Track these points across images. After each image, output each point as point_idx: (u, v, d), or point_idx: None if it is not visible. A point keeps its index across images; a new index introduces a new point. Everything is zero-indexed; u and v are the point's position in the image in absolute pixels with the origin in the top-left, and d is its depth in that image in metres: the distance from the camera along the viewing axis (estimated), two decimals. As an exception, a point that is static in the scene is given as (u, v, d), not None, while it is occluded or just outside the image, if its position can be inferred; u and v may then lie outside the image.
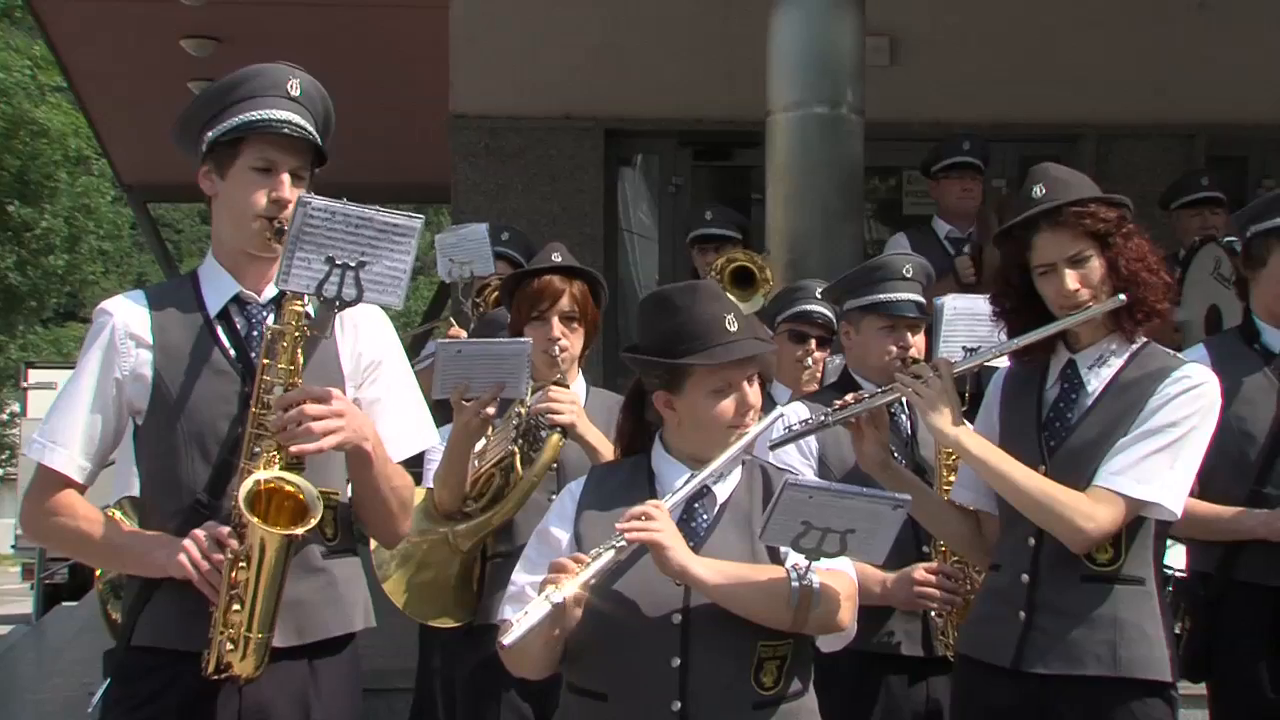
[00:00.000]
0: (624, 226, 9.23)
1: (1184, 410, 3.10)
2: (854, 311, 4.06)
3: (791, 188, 6.44)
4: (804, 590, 2.79)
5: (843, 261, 6.27)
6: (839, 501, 2.77)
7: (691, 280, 3.54)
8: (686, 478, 2.92)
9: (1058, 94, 8.38)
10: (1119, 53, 8.34)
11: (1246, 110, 8.41)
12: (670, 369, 2.93)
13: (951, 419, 3.18)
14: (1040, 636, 3.13)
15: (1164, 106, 8.46)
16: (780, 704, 2.87)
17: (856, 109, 6.41)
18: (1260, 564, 3.97)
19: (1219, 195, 7.02)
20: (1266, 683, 3.94)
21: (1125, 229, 3.19)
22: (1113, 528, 3.07)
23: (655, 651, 2.83)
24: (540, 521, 3.10)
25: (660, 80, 8.50)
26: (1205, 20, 8.36)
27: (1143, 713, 3.09)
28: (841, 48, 6.38)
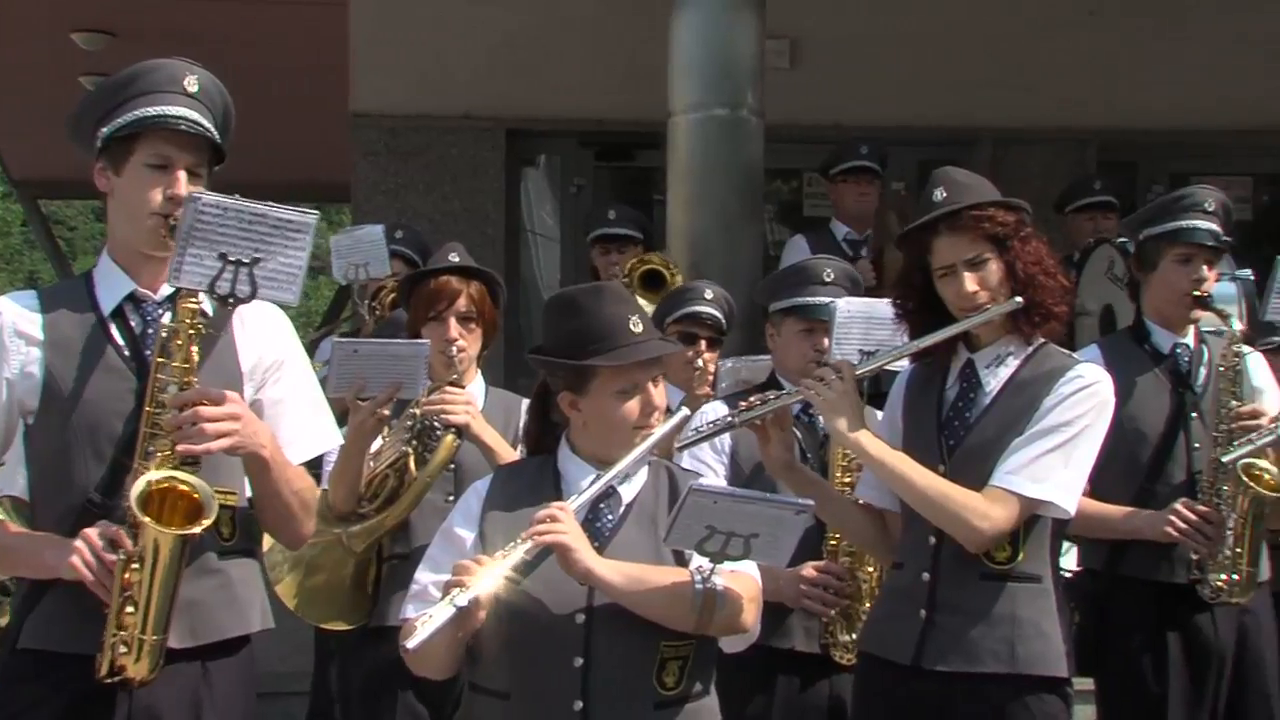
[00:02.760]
0: (527, 227, 9.21)
1: (1077, 409, 3.15)
2: (777, 314, 4.12)
3: (692, 189, 6.47)
4: (707, 593, 2.80)
5: (743, 263, 6.33)
6: (743, 507, 2.79)
7: (596, 281, 3.54)
8: (592, 479, 2.93)
9: (955, 99, 8.49)
10: (1015, 59, 8.47)
11: (1137, 116, 8.56)
12: (575, 370, 2.93)
13: (852, 421, 3.20)
14: (940, 634, 3.16)
15: (1058, 112, 8.59)
16: (682, 704, 2.89)
17: (757, 111, 6.45)
18: (1145, 560, 4.07)
19: (1111, 199, 7.17)
20: (1150, 675, 4.04)
21: (1023, 232, 3.23)
22: (1008, 526, 3.11)
23: (558, 651, 2.83)
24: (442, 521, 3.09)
25: (562, 81, 8.49)
26: (1097, 28, 8.51)
27: (1039, 708, 3.14)
28: (742, 50, 6.42)
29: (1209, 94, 8.46)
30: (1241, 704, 4.11)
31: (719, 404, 3.91)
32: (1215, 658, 4.07)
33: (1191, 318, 4.18)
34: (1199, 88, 8.45)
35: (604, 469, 2.92)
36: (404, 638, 2.70)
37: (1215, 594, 4.02)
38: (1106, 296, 6.54)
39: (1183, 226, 4.13)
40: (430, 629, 2.65)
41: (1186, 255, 4.12)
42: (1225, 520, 3.97)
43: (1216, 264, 4.21)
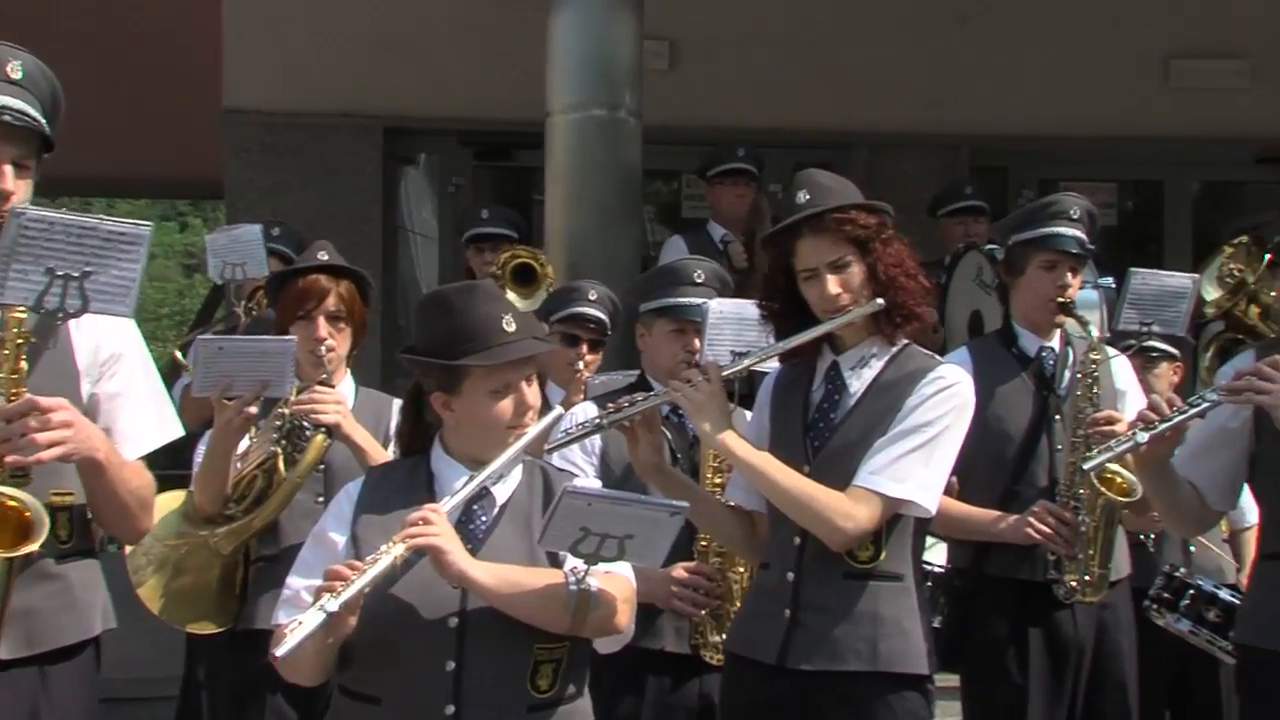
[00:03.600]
0: (406, 226, 9.13)
1: (938, 410, 3.19)
2: (647, 314, 4.13)
3: (570, 189, 6.47)
4: (582, 594, 2.80)
5: (621, 263, 6.34)
6: (617, 508, 2.79)
7: (469, 280, 3.52)
8: (466, 479, 2.91)
9: (831, 103, 8.58)
10: (889, 64, 8.57)
11: (1007, 123, 8.71)
12: (448, 370, 2.91)
13: (718, 422, 3.21)
14: (804, 634, 3.18)
15: (931, 118, 8.71)
16: (556, 706, 2.88)
17: (635, 112, 6.48)
18: (1008, 559, 4.15)
19: (982, 204, 7.27)
20: (1013, 669, 4.12)
21: (885, 235, 3.26)
22: (871, 526, 3.14)
23: (430, 655, 2.81)
24: (312, 522, 3.06)
25: (441, 79, 8.44)
26: (969, 35, 8.65)
27: (900, 706, 3.17)
28: (620, 51, 6.44)
29: (1078, 101, 8.64)
30: (1099, 695, 4.21)
31: (589, 405, 3.91)
32: (1074, 651, 4.17)
33: (1056, 323, 4.26)
34: (1068, 95, 8.62)
35: (478, 469, 2.91)
36: (274, 645, 2.66)
37: (1069, 594, 4.12)
38: (975, 302, 6.65)
39: (1048, 233, 4.20)
40: (300, 636, 2.61)
41: (1052, 261, 4.19)
42: (1081, 523, 4.06)
43: (1081, 270, 4.29)
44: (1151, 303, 4.67)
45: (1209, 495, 3.47)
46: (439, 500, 2.86)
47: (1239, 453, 3.44)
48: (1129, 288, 4.64)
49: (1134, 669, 4.29)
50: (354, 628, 2.74)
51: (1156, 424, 3.24)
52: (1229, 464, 3.46)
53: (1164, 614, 4.61)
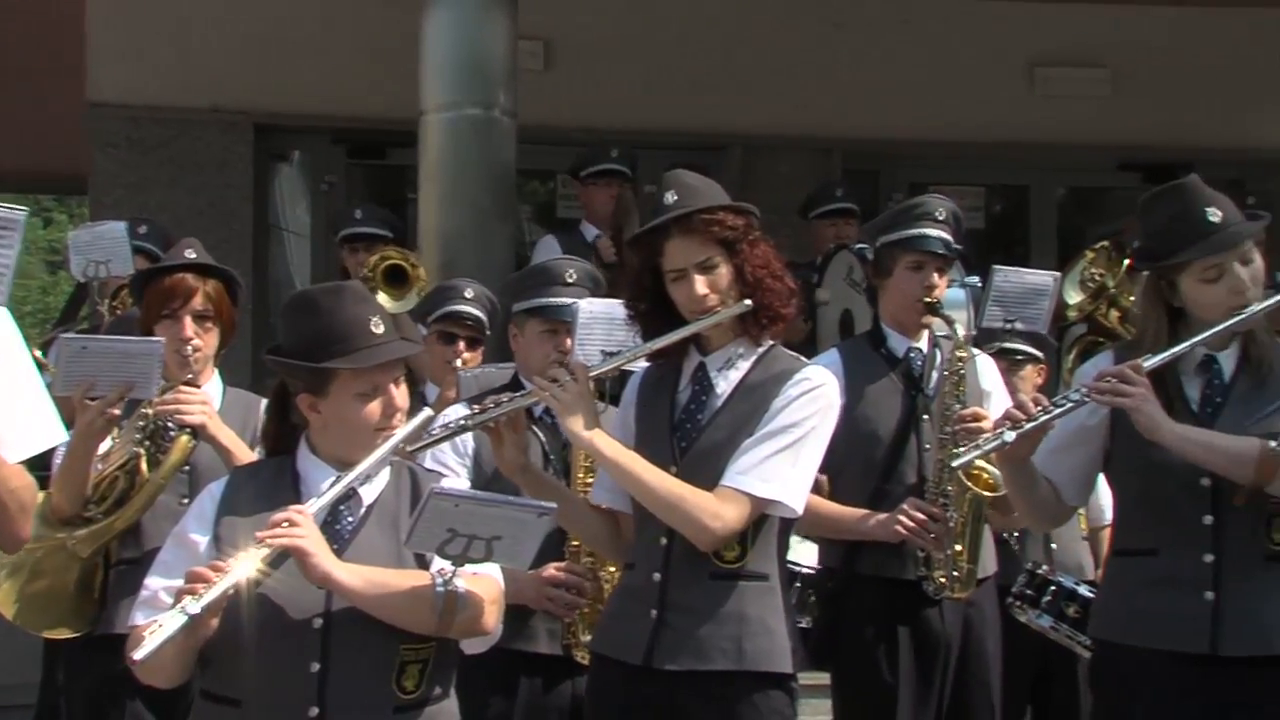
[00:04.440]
0: (279, 224, 9.01)
1: (805, 411, 3.21)
2: (519, 314, 4.11)
3: (444, 188, 6.45)
4: (449, 595, 2.79)
5: (495, 262, 6.33)
6: (485, 509, 2.78)
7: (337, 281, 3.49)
8: (332, 480, 2.89)
9: (706, 105, 8.61)
10: (763, 67, 8.64)
11: (878, 127, 8.82)
12: (315, 372, 2.89)
13: (586, 422, 3.20)
14: (670, 634, 3.19)
15: (804, 121, 8.79)
16: (422, 707, 2.87)
17: (509, 111, 6.47)
18: (878, 558, 4.20)
19: (852, 206, 7.39)
20: (884, 667, 4.17)
21: (752, 236, 3.27)
22: (739, 526, 3.15)
23: (294, 656, 2.78)
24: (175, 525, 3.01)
25: (313, 75, 8.32)
26: (842, 40, 8.75)
27: (765, 704, 3.19)
28: (494, 50, 6.43)
29: (946, 107, 8.77)
30: (965, 692, 4.27)
31: (459, 406, 3.89)
32: (942, 649, 4.22)
33: (923, 323, 4.32)
34: (937, 101, 8.76)
35: (345, 471, 2.89)
36: (131, 647, 2.61)
37: (938, 590, 4.18)
38: (845, 302, 6.74)
39: (915, 234, 4.26)
40: (160, 638, 2.57)
41: (919, 262, 4.25)
42: (949, 519, 4.13)
43: (947, 271, 4.36)
44: (1015, 300, 4.75)
45: (1065, 491, 3.54)
46: (304, 501, 2.83)
47: (1095, 450, 3.52)
48: (992, 285, 4.73)
49: (998, 666, 4.36)
50: (215, 629, 2.70)
51: (1023, 423, 3.29)
52: (1085, 461, 3.54)
53: (1026, 611, 4.69)
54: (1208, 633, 3.31)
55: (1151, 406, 3.28)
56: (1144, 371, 3.30)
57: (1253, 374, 3.41)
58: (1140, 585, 3.42)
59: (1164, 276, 3.44)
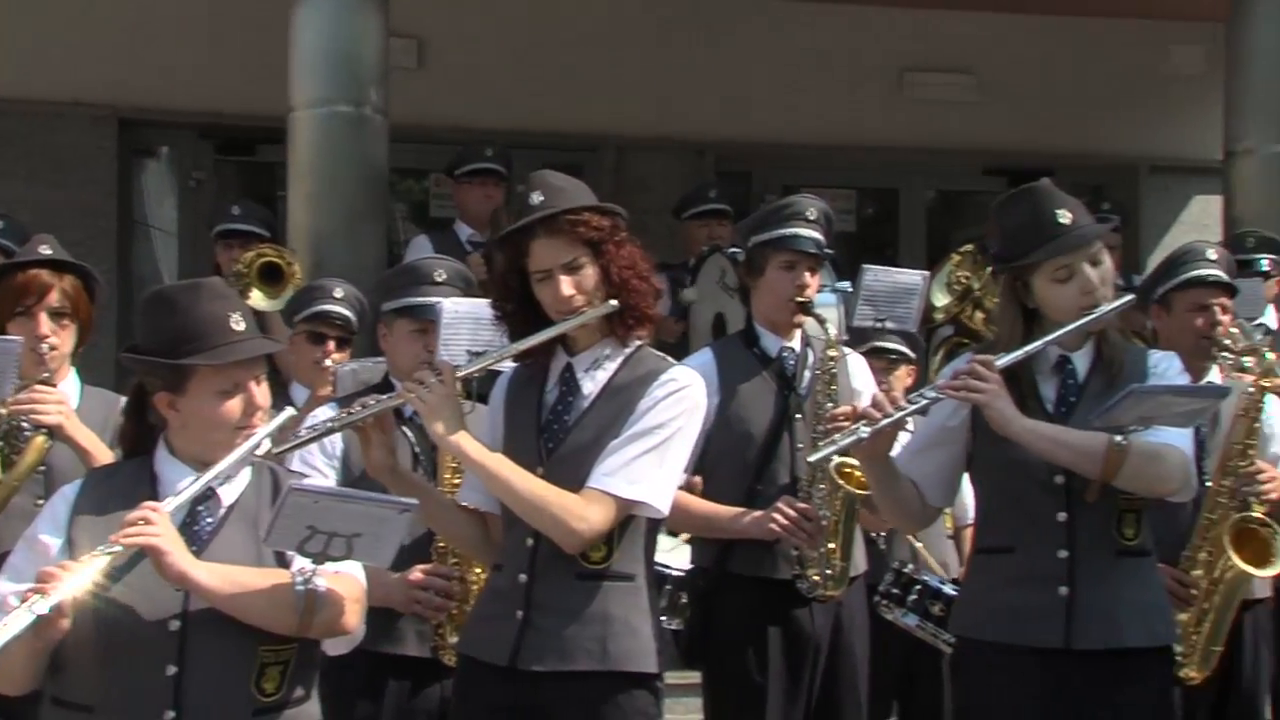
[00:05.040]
0: (144, 220, 8.82)
1: (670, 412, 3.22)
2: (388, 314, 4.08)
3: (314, 186, 6.39)
4: (309, 594, 2.77)
5: (367, 261, 6.29)
6: (344, 506, 2.76)
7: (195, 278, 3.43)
8: (190, 480, 2.84)
9: (580, 105, 8.62)
10: (636, 68, 8.66)
11: (751, 129, 8.89)
12: (173, 369, 2.84)
13: (451, 424, 3.18)
14: (536, 635, 3.18)
15: (677, 122, 8.82)
16: (282, 710, 2.84)
17: (381, 109, 6.43)
18: (750, 558, 4.23)
19: (725, 208, 7.43)
20: (753, 666, 4.21)
21: (618, 237, 3.27)
22: (605, 527, 3.16)
23: (150, 660, 2.74)
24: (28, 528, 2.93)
25: (181, 69, 8.17)
26: (714, 41, 8.80)
27: (629, 704, 3.19)
28: (365, 47, 6.39)
29: (818, 110, 8.88)
30: (833, 690, 4.32)
31: (327, 407, 3.86)
32: (811, 649, 4.27)
33: (795, 323, 4.36)
34: (808, 104, 8.85)
35: (204, 471, 2.85)
36: None
37: (812, 588, 4.22)
38: (718, 305, 6.79)
39: (786, 234, 4.29)
40: (4, 639, 2.51)
41: (790, 262, 4.29)
42: (821, 517, 4.17)
43: (819, 271, 4.40)
44: (884, 299, 4.82)
45: (928, 492, 3.59)
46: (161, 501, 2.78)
47: (957, 451, 3.57)
48: (862, 284, 4.79)
49: (866, 664, 4.42)
50: (67, 632, 2.65)
51: (879, 420, 3.34)
52: (947, 461, 3.59)
53: (893, 609, 4.75)
54: (1062, 627, 3.39)
55: (1003, 402, 3.34)
56: (996, 369, 3.37)
57: (1105, 373, 3.49)
58: (999, 582, 3.49)
59: (1018, 277, 3.51)
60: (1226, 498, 4.23)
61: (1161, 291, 4.51)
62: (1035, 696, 3.40)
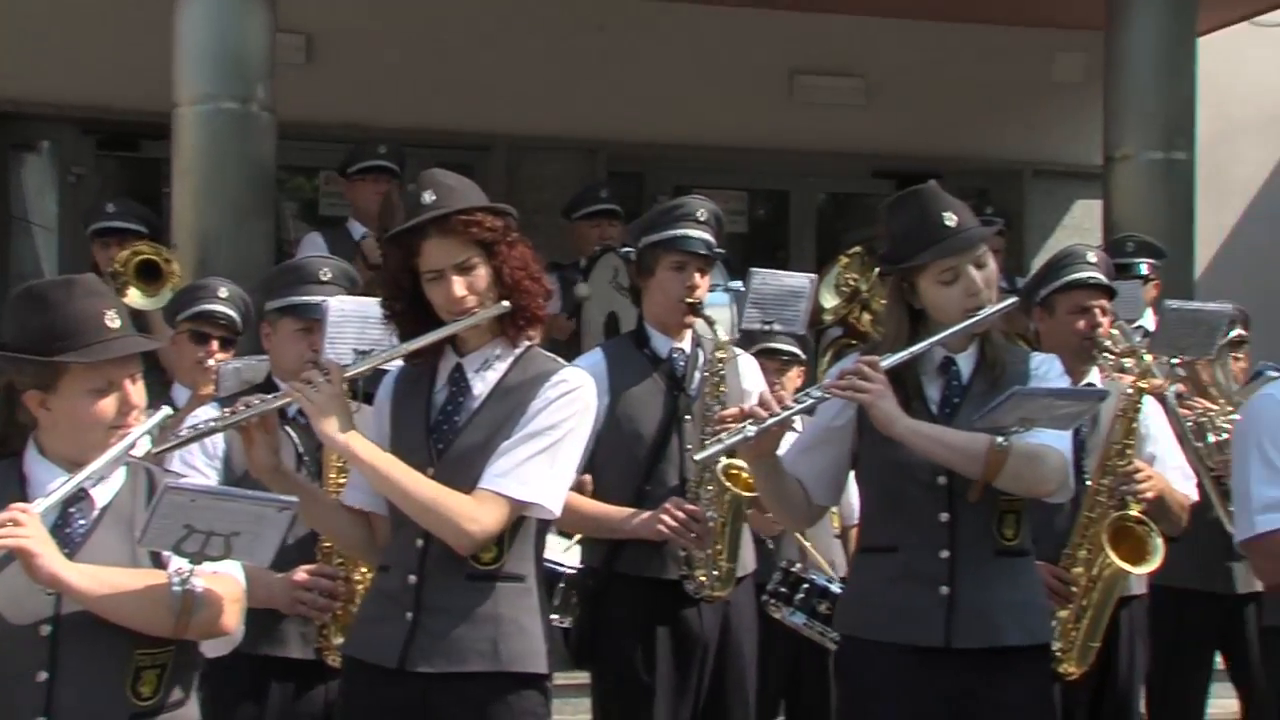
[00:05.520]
0: (24, 216, 8.63)
1: (562, 413, 3.21)
2: (272, 313, 4.02)
3: (200, 183, 6.30)
4: (186, 595, 2.72)
5: (254, 260, 6.21)
6: (223, 504, 2.72)
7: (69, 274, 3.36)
8: (62, 481, 2.78)
9: (472, 104, 8.57)
10: (528, 68, 8.64)
11: (642, 130, 8.90)
12: (44, 367, 2.78)
13: (339, 423, 3.14)
14: (426, 637, 3.16)
15: (569, 122, 8.81)
16: (159, 714, 2.80)
17: (268, 106, 6.35)
18: (639, 558, 4.24)
19: (616, 208, 7.43)
20: (641, 666, 4.21)
21: (510, 238, 3.26)
22: (497, 529, 3.14)
23: (19, 666, 2.69)
24: None
25: (62, 62, 7.99)
26: (606, 42, 8.81)
27: (519, 705, 3.18)
28: (252, 42, 6.31)
29: (709, 111, 8.89)
30: (721, 690, 4.34)
31: (209, 407, 3.80)
32: (699, 648, 4.29)
33: (685, 323, 4.37)
34: (700, 105, 8.87)
35: (77, 471, 2.79)
36: None
37: (699, 589, 4.24)
38: (611, 304, 6.79)
39: (677, 235, 4.30)
40: None
41: (681, 262, 4.29)
42: (709, 519, 4.18)
43: (709, 271, 4.42)
44: (772, 302, 4.86)
45: (814, 491, 3.62)
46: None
47: (843, 450, 3.61)
48: (751, 287, 4.82)
49: (754, 664, 4.45)
50: None
51: (765, 419, 3.36)
52: (833, 460, 3.62)
53: (780, 608, 4.78)
54: (943, 626, 3.43)
55: (887, 402, 3.38)
56: (881, 369, 3.40)
57: (988, 374, 3.54)
58: (882, 581, 3.52)
59: (905, 279, 3.55)
60: (1105, 496, 4.33)
61: (1043, 294, 4.59)
62: (916, 695, 3.43)
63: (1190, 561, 4.87)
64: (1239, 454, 3.56)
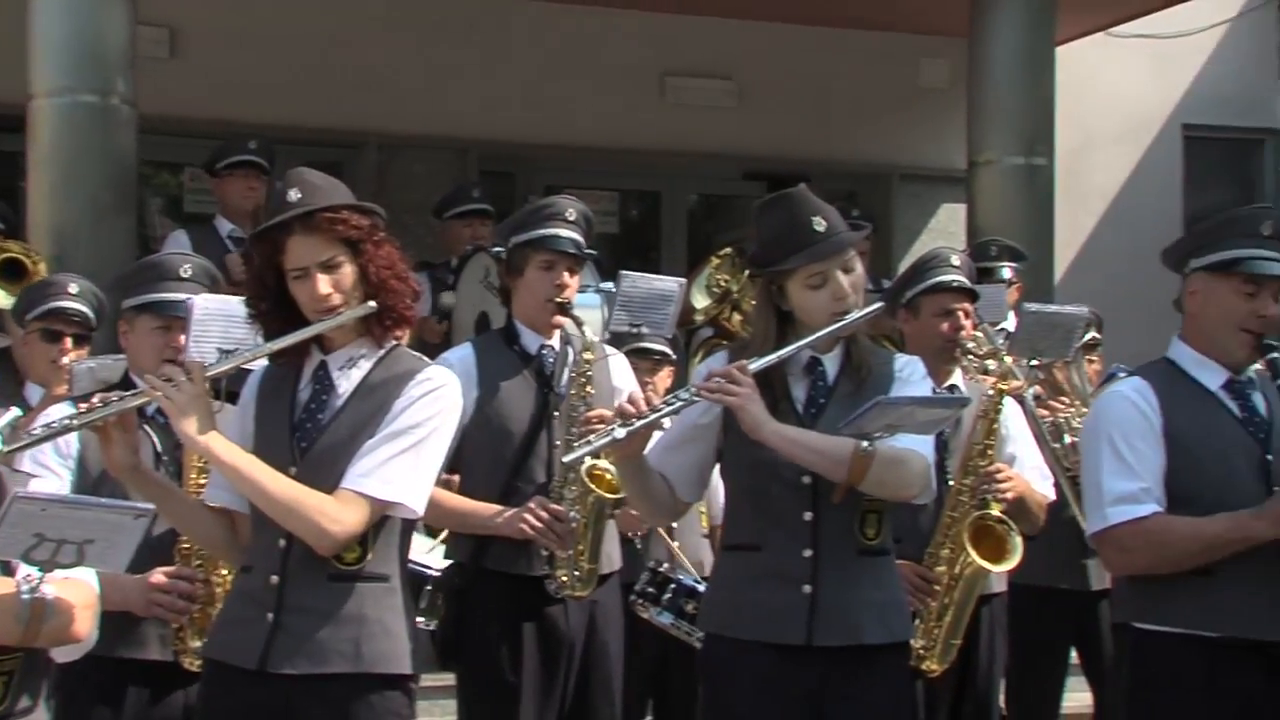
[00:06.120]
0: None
1: (426, 412, 3.19)
2: (129, 311, 3.94)
3: (57, 178, 6.17)
4: (35, 603, 2.67)
5: (114, 257, 6.09)
6: (75, 513, 2.66)
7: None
8: None
9: (343, 102, 8.49)
10: (400, 66, 8.58)
11: (516, 129, 8.90)
12: None
13: (200, 423, 3.10)
14: (287, 637, 3.13)
15: (441, 120, 8.77)
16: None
17: (129, 100, 6.23)
18: (505, 555, 4.24)
19: (488, 207, 7.41)
20: (507, 665, 4.21)
21: (377, 237, 3.24)
22: (360, 529, 3.12)
23: None
24: None
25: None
26: (474, 41, 8.77)
27: (382, 706, 3.16)
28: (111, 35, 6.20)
29: (581, 112, 8.93)
30: (588, 689, 4.34)
31: (63, 405, 3.70)
32: (566, 647, 4.29)
33: (554, 323, 4.37)
34: (573, 105, 8.91)
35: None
36: None
37: (559, 589, 4.24)
38: (482, 304, 6.76)
39: (546, 234, 4.30)
40: None
41: (550, 262, 4.30)
42: (572, 520, 4.19)
43: (578, 271, 4.42)
44: (640, 305, 4.87)
45: (679, 488, 3.64)
46: None
47: (708, 448, 3.63)
48: (619, 290, 4.83)
49: (620, 663, 4.46)
50: None
51: (634, 420, 3.37)
52: (698, 458, 3.64)
53: (648, 608, 4.81)
54: (805, 624, 3.47)
55: (755, 406, 3.41)
56: (750, 372, 3.43)
57: (853, 376, 3.59)
58: (745, 579, 3.55)
59: (774, 282, 3.58)
60: (967, 496, 4.41)
61: (909, 296, 4.67)
62: (778, 693, 3.47)
63: (1047, 560, 4.99)
64: (1089, 450, 3.65)
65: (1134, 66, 9.97)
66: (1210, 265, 3.56)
